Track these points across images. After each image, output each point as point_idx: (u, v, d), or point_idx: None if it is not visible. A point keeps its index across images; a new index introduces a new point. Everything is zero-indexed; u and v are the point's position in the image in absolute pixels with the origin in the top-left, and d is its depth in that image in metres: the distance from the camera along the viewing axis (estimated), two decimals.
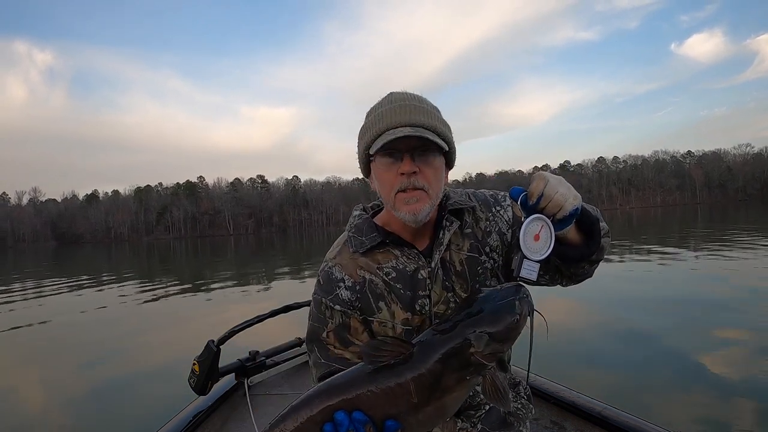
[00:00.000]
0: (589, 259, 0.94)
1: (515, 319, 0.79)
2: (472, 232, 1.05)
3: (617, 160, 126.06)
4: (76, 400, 4.36)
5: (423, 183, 0.94)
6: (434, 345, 0.79)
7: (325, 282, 1.03)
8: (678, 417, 3.08)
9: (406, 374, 0.77)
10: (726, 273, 8.59)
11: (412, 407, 0.78)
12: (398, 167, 0.94)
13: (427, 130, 0.93)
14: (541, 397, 1.93)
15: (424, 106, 0.98)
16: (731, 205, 76.71)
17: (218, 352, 1.90)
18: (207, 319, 7.52)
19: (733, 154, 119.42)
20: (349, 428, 0.77)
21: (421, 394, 0.78)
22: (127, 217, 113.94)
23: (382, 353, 0.78)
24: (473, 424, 1.11)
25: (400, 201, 0.95)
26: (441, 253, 1.01)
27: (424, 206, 0.95)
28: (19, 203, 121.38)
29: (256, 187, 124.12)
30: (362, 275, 1.01)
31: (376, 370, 0.79)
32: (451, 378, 0.78)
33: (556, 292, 5.73)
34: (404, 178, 0.94)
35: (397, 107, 0.96)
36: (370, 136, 0.96)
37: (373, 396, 0.78)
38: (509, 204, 1.09)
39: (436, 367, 0.77)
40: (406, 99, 0.98)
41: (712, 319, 5.38)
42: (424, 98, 1.01)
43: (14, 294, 12.55)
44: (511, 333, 0.80)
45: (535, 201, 0.84)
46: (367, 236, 1.02)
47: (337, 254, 1.05)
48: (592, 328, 5.48)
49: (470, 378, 0.80)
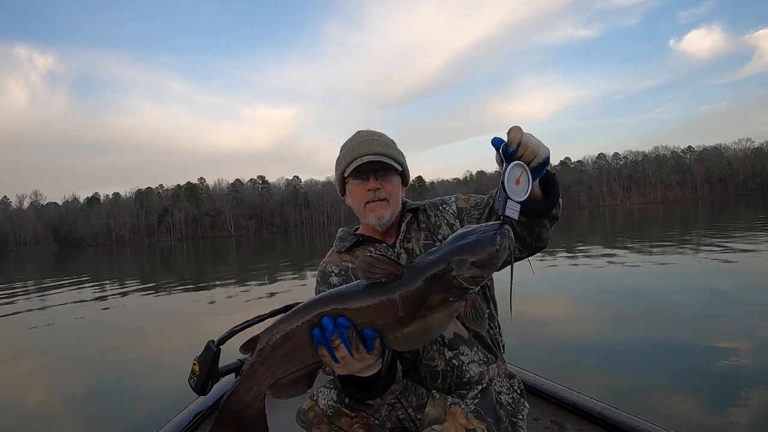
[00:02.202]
0: (551, 214, 1.10)
1: (495, 248, 0.86)
2: (426, 226, 1.34)
3: (618, 157, 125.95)
4: (77, 400, 4.38)
5: (385, 195, 1.27)
6: (421, 267, 0.87)
7: (321, 277, 1.36)
8: (678, 417, 3.07)
9: (395, 290, 0.86)
10: (727, 270, 8.58)
11: (398, 320, 0.87)
12: (366, 185, 1.28)
13: (385, 156, 1.26)
14: (541, 397, 1.93)
15: (383, 140, 1.32)
16: (732, 200, 76.64)
17: (218, 352, 1.89)
18: (207, 319, 7.54)
19: (734, 149, 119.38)
20: (333, 332, 0.86)
21: (406, 309, 0.86)
22: (128, 220, 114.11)
23: (375, 270, 0.87)
24: (467, 404, 1.19)
25: (368, 210, 1.28)
26: (401, 239, 1.31)
27: (387, 212, 1.27)
28: (20, 206, 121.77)
29: (256, 187, 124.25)
30: (346, 265, 1.33)
31: (368, 286, 0.88)
32: (435, 298, 0.86)
33: (557, 291, 5.73)
34: (371, 193, 1.27)
35: (362, 141, 1.29)
36: (344, 164, 1.29)
37: (363, 307, 0.87)
38: (453, 201, 1.36)
39: (422, 286, 0.85)
40: (369, 135, 1.32)
41: (712, 318, 5.37)
42: (384, 134, 1.36)
43: (16, 296, 12.58)
44: (491, 261, 0.87)
45: (515, 148, 0.95)
46: (347, 240, 1.36)
47: (327, 256, 1.39)
48: (591, 328, 5.47)
49: (453, 300, 0.87)
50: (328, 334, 0.86)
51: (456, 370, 1.22)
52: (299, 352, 0.90)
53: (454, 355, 1.23)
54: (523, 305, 6.69)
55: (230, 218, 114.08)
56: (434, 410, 1.19)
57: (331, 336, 0.86)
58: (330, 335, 0.86)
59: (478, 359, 1.25)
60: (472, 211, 1.30)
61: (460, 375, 1.22)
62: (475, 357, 1.24)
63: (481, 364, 1.25)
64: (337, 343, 0.87)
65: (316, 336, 0.87)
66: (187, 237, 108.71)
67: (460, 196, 1.37)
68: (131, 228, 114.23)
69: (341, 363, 0.89)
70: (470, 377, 1.23)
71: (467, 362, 1.23)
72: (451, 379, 1.23)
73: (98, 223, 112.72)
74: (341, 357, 0.88)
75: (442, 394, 1.22)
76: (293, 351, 0.89)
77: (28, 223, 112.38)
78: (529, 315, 6.03)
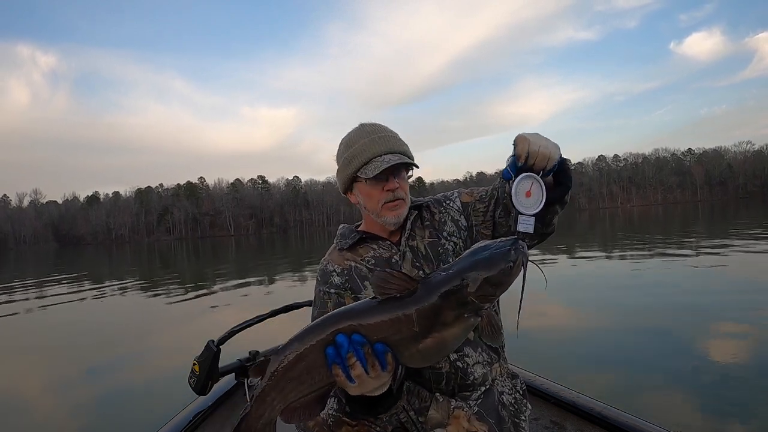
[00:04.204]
0: (563, 200, 1.10)
1: (509, 265, 0.85)
2: (430, 223, 1.30)
3: (618, 158, 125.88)
4: (77, 399, 4.37)
5: (402, 194, 1.24)
6: (436, 283, 0.86)
7: (321, 276, 1.29)
8: (678, 417, 3.07)
9: (410, 306, 0.85)
10: (726, 271, 8.59)
11: (413, 336, 0.85)
12: (383, 185, 1.21)
13: (403, 155, 1.22)
14: (541, 397, 1.92)
15: (394, 135, 1.25)
16: (732, 202, 76.59)
17: (218, 352, 1.89)
18: (207, 319, 7.54)
19: (734, 152, 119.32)
20: (349, 350, 0.83)
21: (422, 324, 0.85)
22: (128, 219, 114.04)
23: (390, 285, 0.85)
24: (470, 406, 1.18)
25: (386, 209, 1.23)
26: (406, 237, 1.26)
27: (404, 210, 1.25)
28: (20, 205, 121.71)
29: (256, 187, 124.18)
30: (349, 264, 1.26)
31: (383, 301, 0.86)
32: (449, 314, 0.85)
33: (557, 293, 5.74)
34: (389, 193, 1.22)
35: (376, 138, 1.23)
36: (359, 163, 1.21)
37: (377, 324, 0.85)
38: (457, 196, 1.33)
39: (437, 302, 0.85)
40: (379, 131, 1.25)
41: (713, 318, 5.38)
42: (387, 126, 1.29)
43: (15, 295, 12.57)
44: (504, 278, 0.86)
45: (524, 161, 0.94)
46: (350, 237, 1.30)
47: (328, 255, 1.32)
48: (592, 328, 5.47)
49: (468, 316, 0.86)
50: (344, 352, 0.83)
51: (460, 372, 1.20)
52: (312, 373, 0.86)
53: (459, 357, 1.20)
54: (522, 306, 6.68)
55: (230, 218, 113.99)
56: (437, 414, 1.18)
57: (347, 354, 0.83)
58: (345, 353, 0.83)
59: (483, 360, 1.23)
60: (477, 204, 1.28)
61: (464, 377, 1.20)
62: (479, 358, 1.23)
63: (485, 365, 1.23)
64: (352, 361, 0.84)
65: (330, 354, 0.84)
66: (187, 236, 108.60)
67: (463, 191, 1.35)
68: (131, 227, 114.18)
69: (356, 382, 0.86)
70: (474, 379, 1.21)
71: (472, 364, 1.21)
72: (455, 381, 1.21)
73: (98, 222, 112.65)
74: (356, 376, 0.85)
75: (446, 398, 1.20)
76: (306, 372, 0.86)
77: (27, 222, 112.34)
78: (529, 315, 6.03)
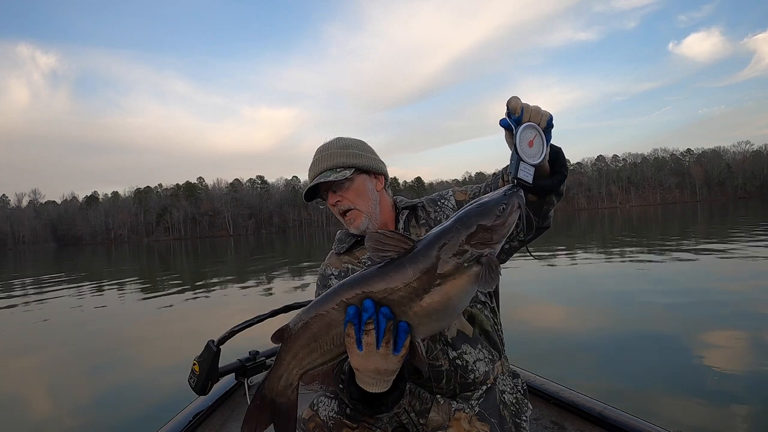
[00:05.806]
0: (558, 189, 1.09)
1: (501, 206, 0.85)
2: (426, 222, 1.31)
3: (617, 159, 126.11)
4: (76, 399, 4.36)
5: (348, 205, 1.24)
6: (431, 237, 0.85)
7: (320, 280, 1.33)
8: (678, 417, 3.07)
9: (408, 263, 0.83)
10: (726, 271, 8.59)
11: (413, 293, 0.83)
12: (330, 202, 1.27)
13: (330, 170, 1.23)
14: (541, 397, 1.93)
15: (330, 151, 1.26)
16: (731, 202, 76.68)
17: (218, 352, 1.89)
18: (207, 319, 7.53)
19: (733, 152, 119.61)
20: (372, 316, 0.82)
21: (421, 279, 0.82)
22: (127, 219, 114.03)
23: (385, 245, 0.84)
24: (471, 407, 1.18)
25: (346, 222, 1.27)
26: None
27: (361, 219, 1.25)
28: (19, 205, 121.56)
29: (255, 187, 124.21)
30: (346, 266, 1.30)
31: (382, 265, 0.85)
32: (448, 264, 0.83)
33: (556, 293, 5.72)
34: (335, 208, 1.26)
35: (315, 161, 1.27)
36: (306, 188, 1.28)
37: (379, 285, 0.83)
38: (451, 195, 1.34)
39: (434, 254, 0.83)
40: (319, 152, 1.28)
41: (713, 318, 5.38)
42: (341, 138, 1.31)
43: (14, 294, 12.55)
44: (499, 220, 0.85)
45: (520, 114, 0.93)
46: (346, 241, 1.33)
47: (327, 260, 1.36)
48: (592, 329, 5.47)
49: (468, 265, 0.83)
50: (365, 317, 0.82)
51: (460, 369, 1.20)
52: (320, 341, 0.87)
53: (458, 355, 1.20)
54: (522, 306, 6.69)
55: (229, 218, 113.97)
56: (438, 416, 1.18)
57: (368, 319, 0.82)
58: (367, 318, 0.82)
59: (484, 357, 1.22)
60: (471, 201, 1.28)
61: (464, 375, 1.20)
62: (480, 355, 1.22)
63: (488, 363, 1.23)
64: (369, 327, 0.82)
65: (350, 314, 0.82)
66: (186, 236, 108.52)
67: (457, 189, 1.35)
68: (130, 227, 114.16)
69: (363, 350, 0.84)
70: (476, 377, 1.20)
71: (473, 361, 1.21)
72: (455, 380, 1.21)
73: (97, 222, 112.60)
74: (366, 343, 0.83)
75: (447, 400, 1.20)
76: (314, 340, 0.87)
77: (26, 222, 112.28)
78: (529, 315, 6.03)
